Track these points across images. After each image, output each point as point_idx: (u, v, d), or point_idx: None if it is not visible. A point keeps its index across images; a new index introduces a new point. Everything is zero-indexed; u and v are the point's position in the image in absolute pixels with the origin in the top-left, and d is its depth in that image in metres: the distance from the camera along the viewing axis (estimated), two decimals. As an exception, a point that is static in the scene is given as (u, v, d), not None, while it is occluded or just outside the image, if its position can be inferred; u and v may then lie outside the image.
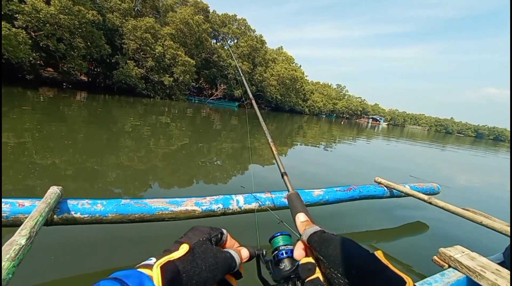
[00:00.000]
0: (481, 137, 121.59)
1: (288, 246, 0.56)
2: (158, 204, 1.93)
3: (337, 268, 0.35)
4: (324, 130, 19.22)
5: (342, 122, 44.97)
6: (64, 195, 1.73)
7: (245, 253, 0.48)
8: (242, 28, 38.98)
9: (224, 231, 0.48)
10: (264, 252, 0.57)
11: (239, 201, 2.19)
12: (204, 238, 0.42)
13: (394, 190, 3.30)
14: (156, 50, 22.88)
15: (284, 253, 0.54)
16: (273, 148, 0.89)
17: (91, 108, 11.11)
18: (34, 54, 15.35)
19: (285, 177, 0.74)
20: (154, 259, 0.35)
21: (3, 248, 1.04)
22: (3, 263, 0.95)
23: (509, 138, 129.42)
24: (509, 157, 19.75)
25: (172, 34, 24.65)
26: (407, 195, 3.24)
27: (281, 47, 54.70)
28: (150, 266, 0.33)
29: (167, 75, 24.26)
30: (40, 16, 15.14)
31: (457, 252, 1.75)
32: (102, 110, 11.17)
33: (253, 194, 2.29)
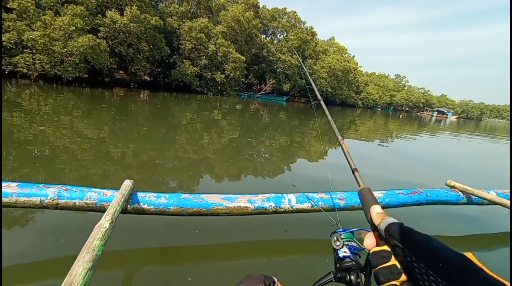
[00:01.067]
0: None
1: (352, 242, 0.60)
2: (214, 200, 2.05)
3: (420, 258, 0.35)
4: (380, 125, 17.75)
5: (401, 116, 40.60)
6: (135, 187, 1.96)
7: None
8: (292, 21, 38.16)
9: (275, 279, 0.56)
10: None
11: (291, 200, 2.18)
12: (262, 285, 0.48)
13: (472, 196, 2.82)
14: (209, 49, 24.10)
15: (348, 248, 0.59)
16: (344, 145, 0.91)
17: (152, 105, 12.39)
18: (111, 60, 17.77)
19: (355, 173, 0.76)
20: None
21: (94, 229, 1.27)
22: (94, 242, 1.16)
23: None
24: None
25: (224, 32, 25.61)
26: (492, 203, 2.73)
27: (333, 37, 52.06)
28: None
29: (219, 72, 25.42)
30: (116, 26, 17.46)
31: None
32: (162, 107, 12.35)
33: (306, 193, 2.23)
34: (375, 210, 0.50)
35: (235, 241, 2.27)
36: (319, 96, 1.42)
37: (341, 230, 0.64)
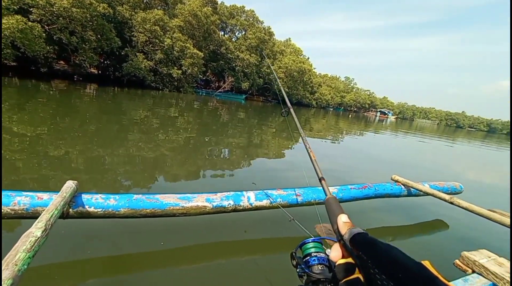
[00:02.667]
0: (493, 131, 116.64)
1: (320, 254, 0.58)
2: (169, 200, 1.96)
3: (382, 270, 0.35)
4: (332, 124, 19.00)
5: (350, 115, 44.28)
6: (79, 188, 1.77)
7: None
8: (250, 19, 38.40)
9: None
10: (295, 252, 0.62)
11: (250, 198, 2.17)
12: None
13: (412, 189, 3.18)
14: (165, 43, 22.86)
15: (316, 260, 0.57)
16: (311, 154, 0.89)
17: (101, 100, 11.28)
18: (48, 47, 15.58)
19: (323, 182, 0.76)
20: None
21: (20, 239, 1.08)
22: (18, 255, 0.99)
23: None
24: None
25: (181, 26, 24.53)
26: (426, 194, 3.11)
27: (289, 39, 53.70)
28: None
29: (175, 68, 24.29)
30: (54, 9, 15.32)
31: (482, 257, 1.62)
32: (112, 102, 11.34)
33: (265, 191, 2.24)
34: (342, 220, 0.50)
35: (193, 243, 2.18)
36: (289, 104, 1.42)
37: (310, 240, 0.63)
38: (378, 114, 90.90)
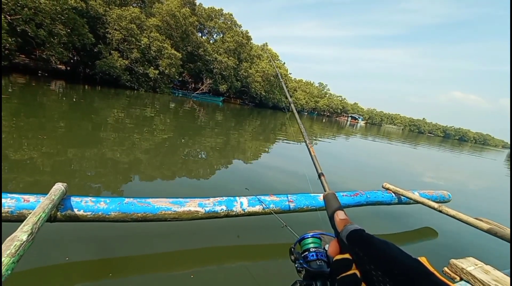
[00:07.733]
0: (448, 137, 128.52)
1: (319, 249, 0.59)
2: (161, 204, 1.94)
3: (378, 265, 0.35)
4: (306, 127, 19.69)
5: (324, 120, 46.11)
6: (68, 191, 1.75)
7: None
8: (228, 23, 38.52)
9: None
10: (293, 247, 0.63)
11: (243, 203, 2.18)
12: None
13: (402, 197, 3.21)
14: (142, 42, 22.20)
15: (315, 255, 0.57)
16: (311, 149, 0.90)
17: (70, 98, 10.69)
18: (10, 39, 14.42)
19: (322, 177, 0.76)
20: None
21: (3, 243, 1.04)
22: (3, 259, 0.97)
23: (472, 139, 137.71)
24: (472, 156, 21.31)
25: (158, 25, 24.00)
26: (416, 202, 3.14)
27: (266, 43, 54.56)
28: None
29: (152, 68, 23.66)
30: (18, -1, 14.24)
31: (469, 265, 1.63)
32: (85, 101, 10.81)
33: (257, 196, 2.25)
34: (339, 216, 0.49)
35: (184, 248, 2.15)
36: (290, 99, 1.44)
37: (309, 235, 0.62)
38: (349, 119, 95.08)
